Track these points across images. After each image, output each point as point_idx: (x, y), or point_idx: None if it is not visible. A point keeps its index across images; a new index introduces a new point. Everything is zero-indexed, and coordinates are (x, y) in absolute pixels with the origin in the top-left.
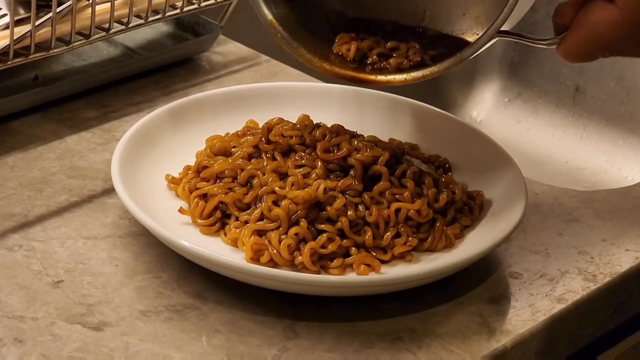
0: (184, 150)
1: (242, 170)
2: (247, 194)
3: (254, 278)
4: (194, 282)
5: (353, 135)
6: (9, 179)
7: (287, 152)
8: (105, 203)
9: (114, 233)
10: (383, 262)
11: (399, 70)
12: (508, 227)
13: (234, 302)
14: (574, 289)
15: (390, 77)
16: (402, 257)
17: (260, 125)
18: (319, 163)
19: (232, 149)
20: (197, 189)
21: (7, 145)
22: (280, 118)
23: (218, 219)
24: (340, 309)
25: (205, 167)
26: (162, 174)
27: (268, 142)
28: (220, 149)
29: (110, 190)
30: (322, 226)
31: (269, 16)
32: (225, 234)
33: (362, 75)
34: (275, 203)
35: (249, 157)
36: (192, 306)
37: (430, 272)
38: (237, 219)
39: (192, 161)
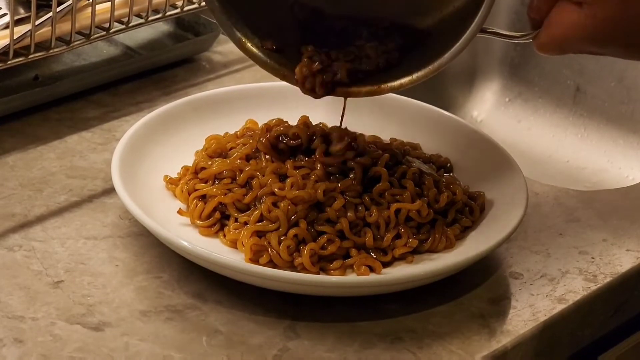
0: (185, 150)
1: (241, 171)
2: (246, 194)
3: (254, 278)
4: (194, 282)
5: (354, 137)
6: (9, 178)
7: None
8: (106, 203)
9: (114, 233)
10: (384, 263)
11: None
12: (508, 227)
13: (234, 303)
14: (575, 289)
15: (367, 88)
16: (402, 258)
17: (260, 126)
18: (319, 165)
19: (229, 151)
20: (196, 190)
21: (7, 145)
22: (279, 119)
23: (217, 220)
24: (341, 309)
25: (203, 168)
26: (163, 174)
27: (270, 147)
28: (216, 150)
29: (110, 190)
30: (322, 227)
31: (237, 36)
32: (225, 235)
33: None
34: (275, 204)
35: (247, 158)
36: (193, 306)
37: (430, 273)
38: (236, 220)
39: (192, 161)
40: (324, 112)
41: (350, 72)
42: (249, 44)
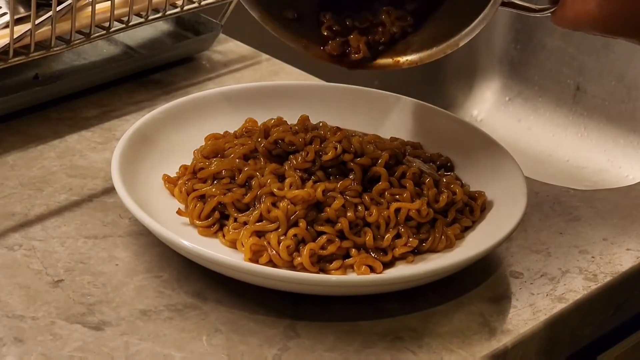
0: (185, 150)
1: (240, 171)
2: (245, 194)
3: (255, 278)
4: (194, 281)
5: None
6: (9, 177)
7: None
8: (106, 202)
9: (114, 232)
10: (384, 263)
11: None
12: (509, 226)
13: (235, 302)
14: (575, 288)
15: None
16: (402, 257)
17: (259, 125)
18: (317, 165)
19: (226, 152)
20: (195, 190)
21: (7, 144)
22: (279, 118)
23: (216, 220)
24: (341, 308)
25: (201, 169)
26: (163, 173)
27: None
28: (213, 150)
29: (110, 190)
30: (322, 227)
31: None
32: (224, 236)
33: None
34: (274, 205)
35: (246, 158)
36: (193, 306)
37: (430, 272)
38: (235, 220)
39: (191, 160)
40: (323, 111)
41: (369, 45)
42: (268, 16)
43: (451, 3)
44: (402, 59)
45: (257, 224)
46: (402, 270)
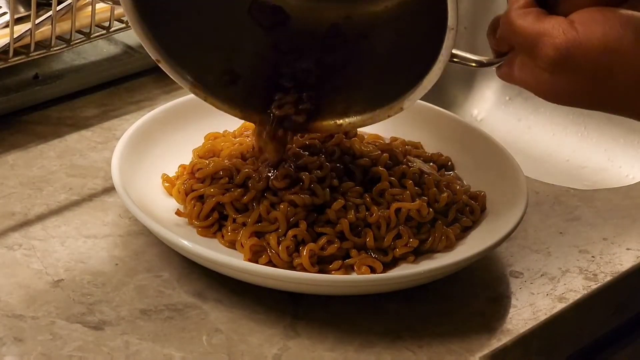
0: (185, 149)
1: (238, 170)
2: (244, 194)
3: (255, 277)
4: (194, 281)
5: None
6: (9, 177)
7: None
8: (106, 202)
9: (114, 232)
10: (385, 264)
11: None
12: (509, 226)
13: (235, 301)
14: (575, 288)
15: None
16: (403, 257)
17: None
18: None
19: (222, 152)
20: (193, 190)
21: (7, 143)
22: None
23: (215, 220)
24: (341, 308)
25: (199, 169)
26: (163, 172)
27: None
28: (209, 152)
29: (110, 189)
30: (322, 229)
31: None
32: (223, 237)
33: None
34: (273, 205)
35: (243, 157)
36: (193, 305)
37: (430, 271)
38: (234, 220)
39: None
40: None
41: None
42: (200, 85)
43: (392, 61)
44: (344, 121)
45: (256, 224)
46: (402, 270)
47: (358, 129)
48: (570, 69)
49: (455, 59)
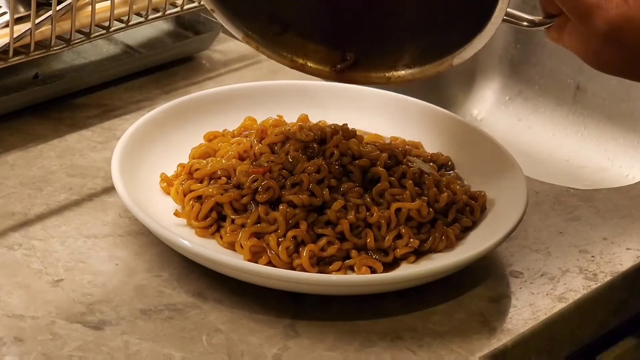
0: (184, 149)
1: (236, 171)
2: (243, 195)
3: (255, 277)
4: (194, 281)
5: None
6: (9, 177)
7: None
8: (106, 202)
9: (114, 232)
10: (385, 264)
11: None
12: (508, 225)
13: (235, 301)
14: (575, 288)
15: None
16: (403, 257)
17: (258, 124)
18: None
19: (219, 152)
20: (191, 191)
21: (7, 143)
22: (277, 119)
23: (214, 221)
24: (341, 308)
25: (197, 169)
26: (162, 172)
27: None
28: (205, 154)
29: (110, 189)
30: (322, 230)
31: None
32: (222, 237)
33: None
34: (273, 205)
35: (241, 157)
36: (193, 305)
37: (431, 271)
38: (232, 221)
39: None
40: (323, 110)
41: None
42: (252, 35)
43: (447, 16)
44: (393, 74)
45: (255, 225)
46: (402, 270)
47: (357, 129)
48: (620, 42)
49: (507, 17)
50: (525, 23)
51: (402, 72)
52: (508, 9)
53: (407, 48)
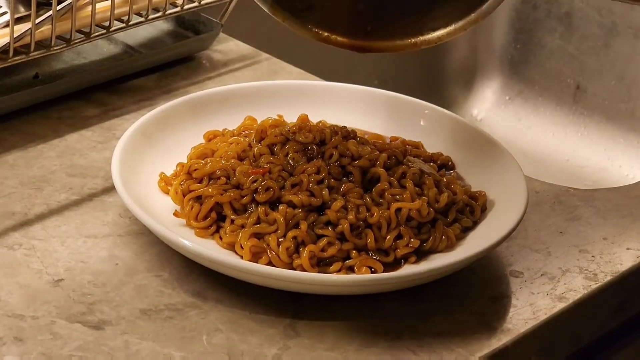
0: (185, 149)
1: (235, 171)
2: (242, 195)
3: (255, 277)
4: (194, 280)
5: (351, 137)
6: (9, 177)
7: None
8: (106, 201)
9: (114, 231)
10: (386, 264)
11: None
12: (509, 225)
13: (235, 301)
14: (575, 287)
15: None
16: (404, 258)
17: (257, 124)
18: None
19: (218, 152)
20: (191, 191)
21: (7, 143)
22: (276, 119)
23: (214, 221)
24: (341, 307)
25: (196, 169)
26: (162, 172)
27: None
28: (203, 155)
29: (110, 189)
30: (322, 231)
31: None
32: (221, 238)
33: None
34: (272, 205)
35: (240, 157)
36: (193, 305)
37: (431, 271)
38: (232, 222)
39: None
40: (323, 110)
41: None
42: (279, 8)
43: None
44: (419, 39)
45: (255, 225)
46: (402, 270)
47: (357, 129)
48: None
49: None
50: None
51: (429, 36)
52: None
53: (431, 14)
